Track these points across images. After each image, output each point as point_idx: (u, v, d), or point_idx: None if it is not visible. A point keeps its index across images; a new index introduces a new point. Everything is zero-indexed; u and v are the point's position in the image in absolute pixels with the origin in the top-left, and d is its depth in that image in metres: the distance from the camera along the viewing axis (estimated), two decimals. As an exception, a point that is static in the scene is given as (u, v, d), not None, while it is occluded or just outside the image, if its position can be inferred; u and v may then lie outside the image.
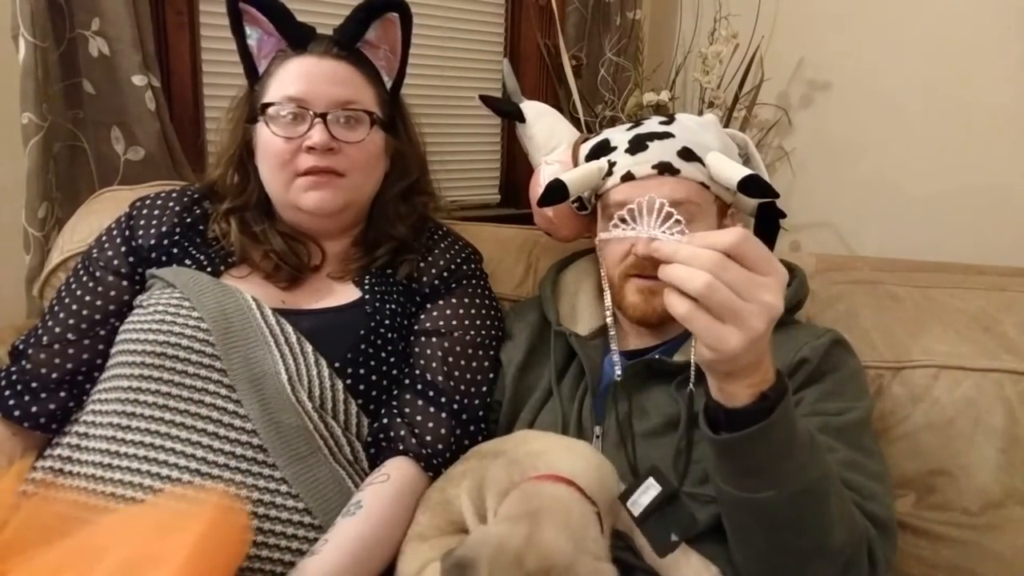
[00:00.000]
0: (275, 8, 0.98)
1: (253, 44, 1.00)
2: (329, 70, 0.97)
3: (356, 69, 0.99)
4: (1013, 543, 0.93)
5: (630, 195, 0.89)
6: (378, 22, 1.01)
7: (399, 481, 0.86)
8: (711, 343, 0.58)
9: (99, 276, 0.96)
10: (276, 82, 0.97)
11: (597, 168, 0.96)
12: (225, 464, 0.81)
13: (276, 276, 0.98)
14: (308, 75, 0.96)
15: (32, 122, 1.16)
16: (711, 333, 0.57)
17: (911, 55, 1.49)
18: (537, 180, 1.10)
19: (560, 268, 1.11)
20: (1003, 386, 0.98)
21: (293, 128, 0.94)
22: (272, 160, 0.96)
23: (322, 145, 0.93)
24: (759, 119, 1.76)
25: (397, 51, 1.03)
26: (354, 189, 0.99)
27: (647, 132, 0.95)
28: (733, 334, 0.57)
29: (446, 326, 0.99)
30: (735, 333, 0.57)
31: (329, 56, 0.97)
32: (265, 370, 0.87)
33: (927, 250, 1.30)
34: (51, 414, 0.88)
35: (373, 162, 1.01)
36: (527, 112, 1.16)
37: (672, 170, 0.90)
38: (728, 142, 0.98)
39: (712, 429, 0.66)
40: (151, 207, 1.02)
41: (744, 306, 0.56)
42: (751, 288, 0.57)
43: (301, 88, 0.94)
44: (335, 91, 0.95)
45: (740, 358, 0.58)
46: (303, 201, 0.96)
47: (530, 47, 1.82)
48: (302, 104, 0.94)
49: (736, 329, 0.56)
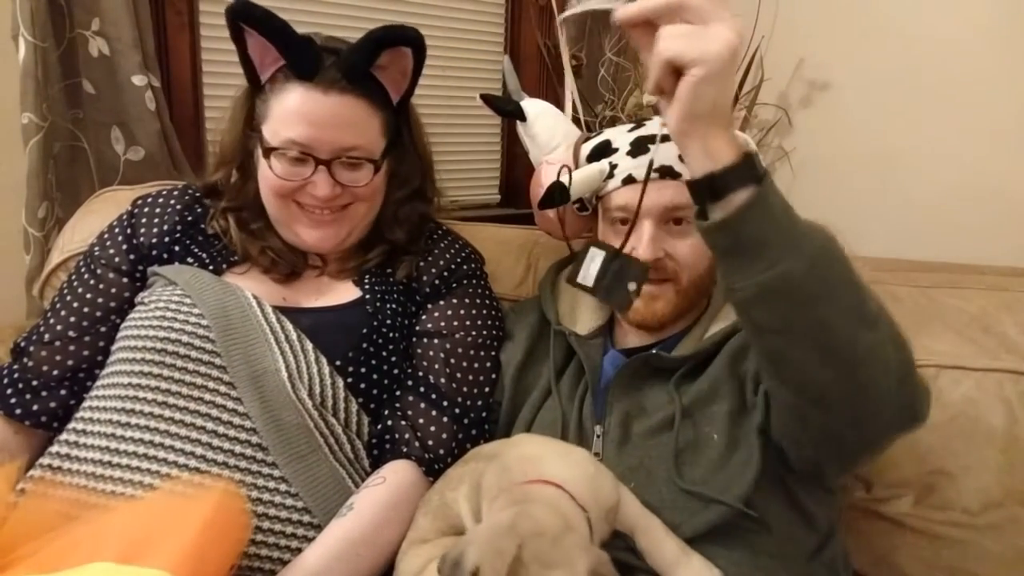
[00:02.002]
0: (280, 34, 0.90)
1: (255, 54, 0.93)
2: (335, 110, 0.91)
3: (362, 100, 0.93)
4: (1013, 543, 0.93)
5: (631, 199, 0.89)
6: (389, 50, 0.93)
7: (395, 484, 0.86)
8: (699, 51, 0.58)
9: (100, 274, 0.97)
10: (279, 112, 0.91)
11: (598, 170, 0.95)
12: (224, 462, 0.81)
13: (275, 271, 0.98)
14: (313, 117, 0.90)
15: (32, 122, 1.16)
16: (697, 38, 0.57)
17: (911, 55, 1.49)
18: (538, 180, 1.09)
19: (560, 268, 1.11)
20: (1003, 386, 0.98)
21: (295, 170, 0.92)
22: (271, 193, 0.95)
23: (327, 197, 0.92)
24: (759, 119, 1.76)
25: (408, 75, 0.97)
26: (357, 217, 0.99)
27: (649, 134, 0.95)
28: (718, 29, 0.57)
29: (447, 327, 0.99)
30: (719, 28, 0.57)
31: (335, 90, 0.91)
32: (265, 367, 0.87)
33: (927, 250, 1.30)
34: (52, 412, 0.89)
35: (375, 195, 1.00)
36: (528, 111, 1.15)
37: (673, 173, 0.90)
38: None
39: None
40: (153, 205, 1.02)
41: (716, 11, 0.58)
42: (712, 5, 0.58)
43: (306, 133, 0.90)
44: (340, 136, 0.92)
45: (726, 71, 0.59)
46: (303, 236, 0.96)
47: (530, 47, 1.82)
48: (306, 150, 0.91)
49: (719, 24, 0.57)
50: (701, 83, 0.59)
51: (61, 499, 0.77)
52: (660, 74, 0.61)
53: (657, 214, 0.89)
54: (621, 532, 0.78)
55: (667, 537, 0.76)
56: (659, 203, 0.89)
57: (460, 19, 1.73)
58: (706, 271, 0.93)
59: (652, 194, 0.88)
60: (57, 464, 0.82)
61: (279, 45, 0.90)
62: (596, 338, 1.00)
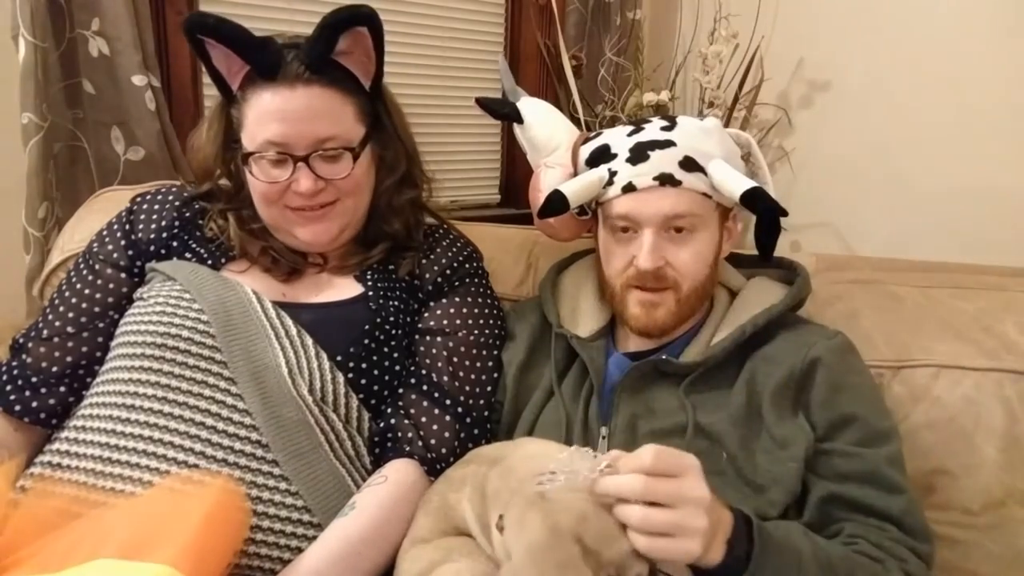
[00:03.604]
0: (235, 38, 0.90)
1: (221, 67, 0.93)
2: (304, 103, 0.91)
3: (331, 89, 0.93)
4: (1013, 543, 0.93)
5: (631, 207, 0.90)
6: (347, 34, 0.92)
7: (396, 483, 0.85)
8: (679, 557, 0.64)
9: (98, 270, 0.97)
10: (253, 117, 0.92)
11: (598, 178, 0.94)
12: (224, 459, 0.80)
13: (275, 269, 0.98)
14: (284, 114, 0.90)
15: (32, 122, 1.16)
16: (672, 549, 0.63)
17: (911, 55, 1.49)
18: (537, 185, 1.09)
19: (559, 269, 1.11)
20: (1003, 386, 0.98)
21: (277, 172, 0.92)
22: (261, 199, 0.95)
23: (309, 192, 0.92)
24: (759, 119, 1.76)
25: (372, 57, 0.96)
26: (348, 212, 0.98)
27: (648, 140, 0.93)
28: (686, 542, 0.63)
29: (450, 325, 0.99)
30: (687, 541, 0.63)
31: (301, 83, 0.90)
32: (266, 363, 0.87)
33: (927, 250, 1.30)
34: (52, 409, 0.88)
35: (363, 184, 0.99)
36: (525, 113, 1.14)
37: (674, 181, 0.89)
38: (731, 146, 0.97)
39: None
40: (151, 202, 1.02)
41: (681, 514, 0.63)
42: (679, 494, 0.64)
43: (279, 131, 0.90)
44: (314, 128, 0.91)
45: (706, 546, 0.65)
46: (299, 235, 0.96)
47: (530, 47, 1.82)
48: (283, 149, 0.91)
49: (685, 537, 0.63)
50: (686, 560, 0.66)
51: (61, 496, 0.77)
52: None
53: (658, 223, 0.89)
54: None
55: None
56: (660, 211, 0.89)
57: (460, 19, 1.73)
58: (707, 278, 0.93)
59: (653, 202, 0.89)
60: (57, 461, 0.81)
61: (237, 48, 0.90)
62: (598, 340, 1.00)
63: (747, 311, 0.93)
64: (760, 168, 1.03)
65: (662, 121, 0.96)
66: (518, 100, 1.16)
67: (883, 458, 0.82)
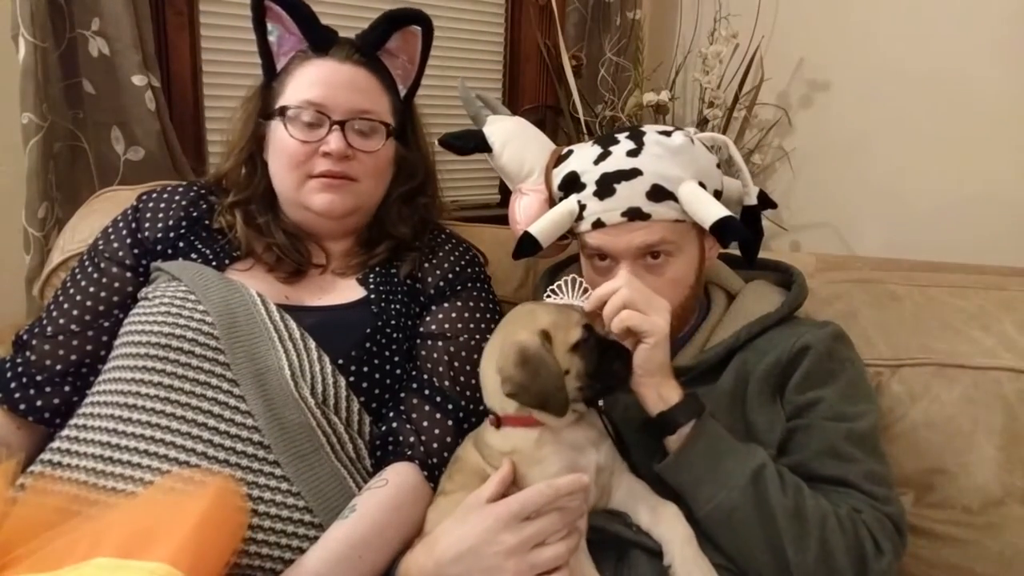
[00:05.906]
0: (300, 9, 0.99)
1: (273, 41, 1.00)
2: (349, 77, 0.98)
3: (374, 76, 1.01)
4: (1013, 542, 0.93)
5: (604, 242, 0.91)
6: (400, 32, 1.02)
7: (397, 486, 0.86)
8: (648, 328, 0.79)
9: (104, 267, 0.97)
10: (295, 83, 0.98)
11: (568, 212, 0.95)
12: (226, 460, 0.81)
13: (279, 269, 0.98)
14: (329, 80, 0.97)
15: (32, 122, 1.16)
16: (645, 321, 0.80)
17: (911, 55, 1.49)
18: (513, 212, 1.07)
19: (553, 272, 1.11)
20: (1002, 384, 0.98)
21: (310, 132, 0.95)
22: (286, 160, 0.97)
23: (339, 153, 0.94)
24: (759, 119, 1.76)
25: (416, 62, 1.05)
26: (364, 194, 1.01)
27: (614, 171, 0.91)
28: (659, 313, 0.81)
29: (451, 329, 0.99)
30: (660, 312, 0.81)
31: (350, 62, 0.99)
32: (269, 365, 0.87)
33: (927, 250, 1.30)
34: (55, 408, 0.89)
35: (384, 169, 1.03)
36: (492, 140, 1.10)
37: (642, 215, 0.89)
38: (702, 162, 0.94)
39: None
40: (157, 200, 1.02)
41: (653, 296, 0.82)
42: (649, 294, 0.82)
43: (321, 93, 0.96)
44: (354, 99, 0.97)
45: (665, 343, 0.81)
46: (314, 202, 0.97)
47: (530, 47, 1.82)
48: (321, 109, 0.95)
49: (660, 309, 0.81)
50: (654, 348, 0.80)
51: (61, 495, 0.77)
52: (619, 333, 0.81)
53: (632, 256, 0.90)
54: (617, 510, 0.82)
55: (648, 493, 0.83)
56: (631, 245, 0.90)
57: (460, 19, 1.73)
58: (691, 292, 0.94)
59: (624, 236, 0.90)
60: (58, 460, 0.81)
61: (300, 21, 0.99)
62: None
63: (744, 318, 0.94)
64: (740, 171, 1.02)
65: (628, 142, 0.93)
66: (484, 125, 1.13)
67: (842, 433, 0.82)
